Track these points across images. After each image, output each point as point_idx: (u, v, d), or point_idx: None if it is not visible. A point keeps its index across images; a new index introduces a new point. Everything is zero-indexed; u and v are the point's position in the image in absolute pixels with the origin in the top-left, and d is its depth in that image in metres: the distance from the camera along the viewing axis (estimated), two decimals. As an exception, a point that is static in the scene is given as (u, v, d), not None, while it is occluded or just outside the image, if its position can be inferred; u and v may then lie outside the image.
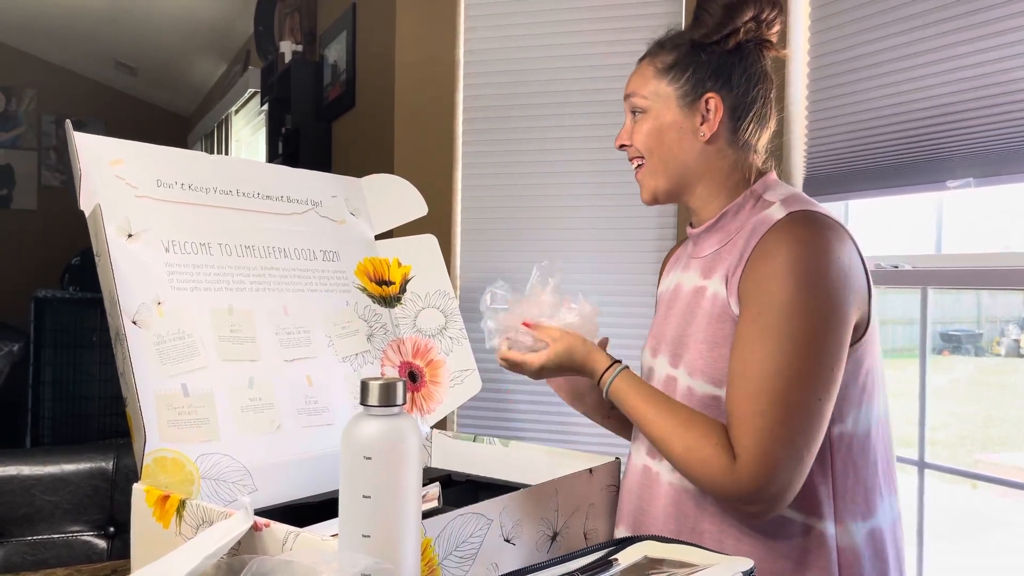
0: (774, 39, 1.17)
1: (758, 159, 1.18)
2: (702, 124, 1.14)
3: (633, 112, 1.19)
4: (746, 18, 1.13)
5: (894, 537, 1.11)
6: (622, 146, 1.21)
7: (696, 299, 1.14)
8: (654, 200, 1.20)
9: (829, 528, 1.05)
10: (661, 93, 1.15)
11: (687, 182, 1.17)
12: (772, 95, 1.18)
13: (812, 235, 1.03)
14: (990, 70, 1.48)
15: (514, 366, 1.16)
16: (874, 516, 1.09)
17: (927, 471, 1.70)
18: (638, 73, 1.19)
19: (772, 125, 1.20)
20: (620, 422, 1.31)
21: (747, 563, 0.82)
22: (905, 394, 1.70)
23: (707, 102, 1.13)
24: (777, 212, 1.09)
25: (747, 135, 1.16)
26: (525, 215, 2.27)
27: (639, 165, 1.19)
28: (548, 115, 2.25)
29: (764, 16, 1.13)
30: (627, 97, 1.19)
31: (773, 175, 1.18)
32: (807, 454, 1.00)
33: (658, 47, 1.19)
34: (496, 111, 2.31)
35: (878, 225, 1.90)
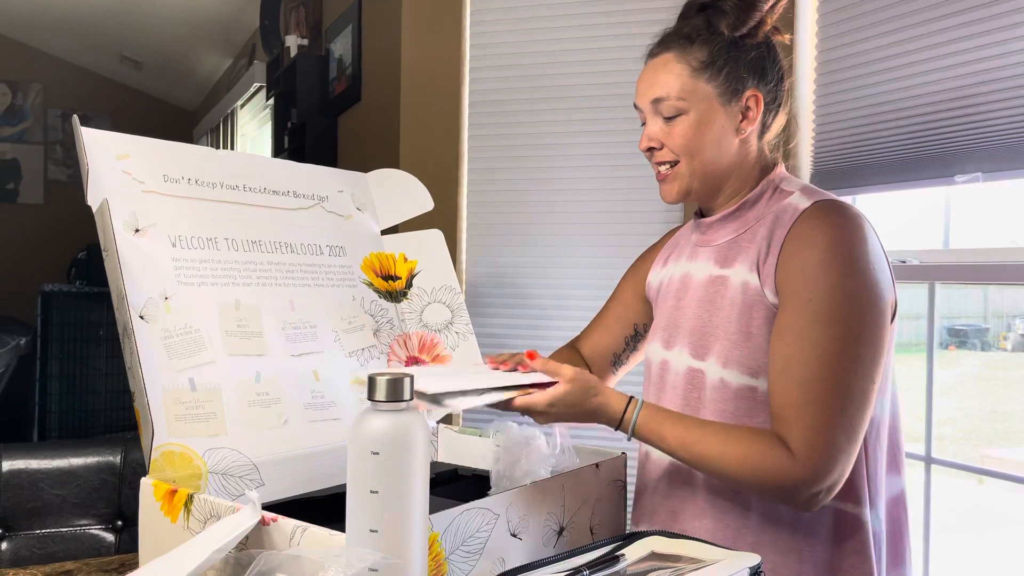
0: (779, 24, 1.16)
1: (767, 148, 1.18)
2: (742, 122, 1.12)
3: (663, 116, 1.12)
4: (768, 5, 1.11)
5: (903, 513, 1.14)
6: (650, 149, 1.15)
7: (717, 289, 1.13)
8: (682, 200, 1.16)
9: (864, 512, 1.06)
10: (700, 92, 1.11)
11: (722, 179, 1.15)
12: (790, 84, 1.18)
13: (848, 222, 1.04)
14: (999, 64, 1.47)
15: (523, 410, 1.06)
16: (892, 495, 1.11)
17: (933, 466, 1.70)
18: (666, 72, 1.12)
19: (787, 110, 1.19)
20: None
21: (754, 559, 0.82)
22: (912, 389, 1.69)
23: (748, 100, 1.12)
24: (800, 201, 1.09)
25: (772, 126, 1.16)
26: (530, 210, 2.27)
27: (670, 165, 1.14)
28: (554, 110, 2.25)
29: (779, 3, 1.12)
30: (657, 101, 1.12)
31: (782, 166, 1.18)
32: (860, 439, 1.01)
33: (685, 41, 1.12)
34: (502, 106, 2.30)
35: (885, 220, 1.89)
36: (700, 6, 1.14)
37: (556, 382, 1.04)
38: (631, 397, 1.07)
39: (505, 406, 1.05)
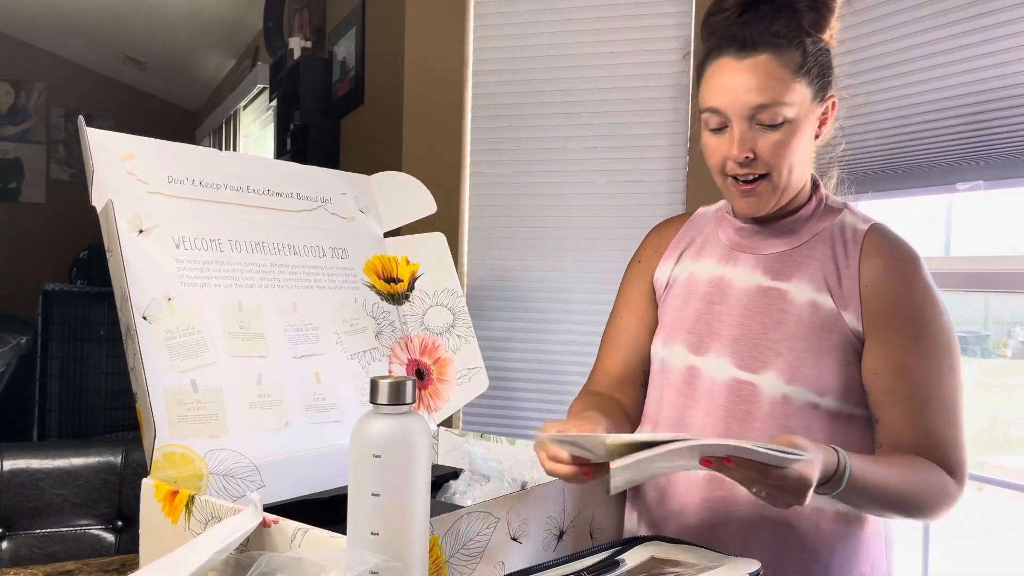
0: None
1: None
2: (820, 126, 1.09)
3: (761, 124, 1.03)
4: (838, 3, 1.08)
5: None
6: (747, 159, 1.04)
7: (771, 301, 1.09)
8: (764, 214, 1.09)
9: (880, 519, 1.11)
10: (803, 98, 1.03)
11: (797, 189, 1.10)
12: None
13: (914, 251, 1.10)
14: (1001, 72, 1.48)
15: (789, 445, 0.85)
16: None
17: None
18: (768, 76, 1.01)
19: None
20: None
21: (754, 564, 0.82)
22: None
23: (829, 105, 1.09)
24: (855, 221, 1.12)
25: (823, 135, 1.12)
26: (533, 213, 2.27)
27: (759, 178, 1.05)
28: (557, 113, 2.25)
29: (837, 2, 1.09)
30: (761, 107, 1.01)
31: (820, 179, 1.17)
32: None
33: (781, 40, 1.02)
34: (505, 108, 2.31)
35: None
36: (768, 2, 1.05)
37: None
38: (833, 447, 0.93)
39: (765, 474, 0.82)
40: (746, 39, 1.03)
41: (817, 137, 1.10)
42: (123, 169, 1.15)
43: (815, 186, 1.14)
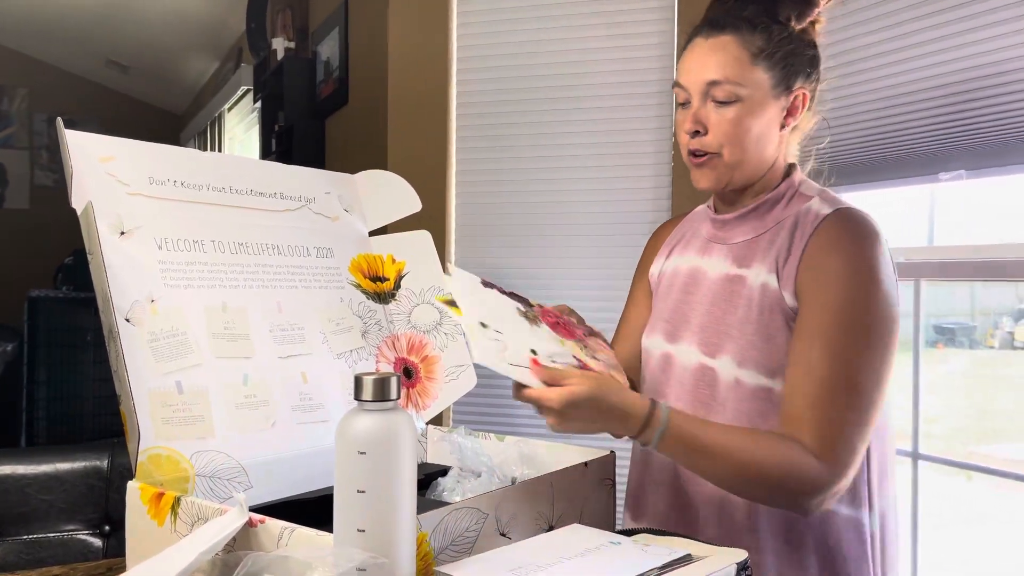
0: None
1: (794, 149, 1.17)
2: (786, 117, 1.11)
3: (715, 100, 1.08)
4: (825, 1, 1.09)
5: (895, 519, 1.14)
6: (695, 132, 1.10)
7: (733, 287, 1.12)
8: (715, 189, 1.14)
9: (864, 515, 1.07)
10: (757, 80, 1.07)
11: (755, 174, 1.12)
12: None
13: (870, 234, 1.05)
14: (982, 62, 1.48)
15: (535, 401, 0.96)
16: (885, 500, 1.12)
17: (921, 462, 1.71)
18: (725, 53, 1.07)
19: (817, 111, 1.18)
20: None
21: (741, 554, 0.82)
22: (899, 387, 1.70)
23: (798, 96, 1.10)
24: (821, 207, 1.09)
25: (802, 127, 1.15)
26: (519, 210, 2.27)
27: (709, 156, 1.10)
28: (542, 110, 2.25)
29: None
30: (713, 83, 1.07)
31: (800, 170, 1.18)
32: (867, 444, 1.03)
33: (747, 24, 1.07)
34: (489, 106, 2.30)
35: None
36: None
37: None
38: (652, 399, 1.00)
39: (517, 390, 0.96)
40: (716, 20, 1.10)
41: (784, 127, 1.11)
42: (103, 171, 1.14)
43: (788, 173, 1.15)
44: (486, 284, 1.10)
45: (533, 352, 0.99)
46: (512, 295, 1.12)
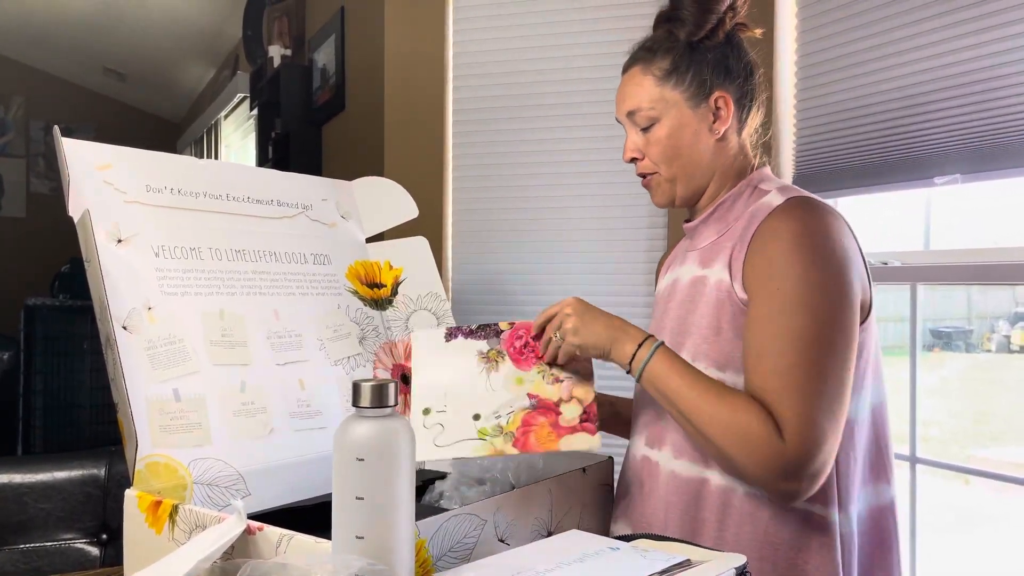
0: (747, 20, 1.18)
1: (748, 147, 1.19)
2: (715, 122, 1.15)
3: (639, 127, 1.17)
4: (725, 6, 1.13)
5: (891, 523, 1.12)
6: (633, 159, 1.19)
7: (696, 288, 1.14)
8: (669, 205, 1.20)
9: (832, 514, 1.05)
10: (668, 99, 1.14)
11: (704, 182, 1.18)
12: (761, 77, 1.20)
13: (813, 216, 1.05)
14: (976, 66, 1.49)
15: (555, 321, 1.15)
16: (879, 504, 1.10)
17: (919, 467, 1.71)
18: (634, 85, 1.16)
19: (762, 105, 1.21)
20: (615, 423, 1.31)
21: (740, 559, 0.82)
22: (896, 391, 1.71)
23: (717, 100, 1.14)
24: (775, 199, 1.10)
25: (748, 121, 1.19)
26: (515, 216, 2.28)
27: (650, 176, 1.18)
28: (538, 116, 2.26)
29: (737, 1, 1.14)
30: (631, 113, 1.16)
31: (767, 168, 1.19)
32: (841, 426, 1.00)
33: (648, 53, 1.16)
34: (486, 113, 2.31)
35: (866, 222, 1.91)
36: (664, 17, 1.17)
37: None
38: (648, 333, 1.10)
39: (537, 323, 1.20)
40: (629, 56, 1.19)
41: (715, 132, 1.15)
42: (100, 179, 1.14)
43: (743, 173, 1.18)
44: (450, 334, 1.20)
45: (476, 418, 1.11)
46: (479, 329, 1.20)
